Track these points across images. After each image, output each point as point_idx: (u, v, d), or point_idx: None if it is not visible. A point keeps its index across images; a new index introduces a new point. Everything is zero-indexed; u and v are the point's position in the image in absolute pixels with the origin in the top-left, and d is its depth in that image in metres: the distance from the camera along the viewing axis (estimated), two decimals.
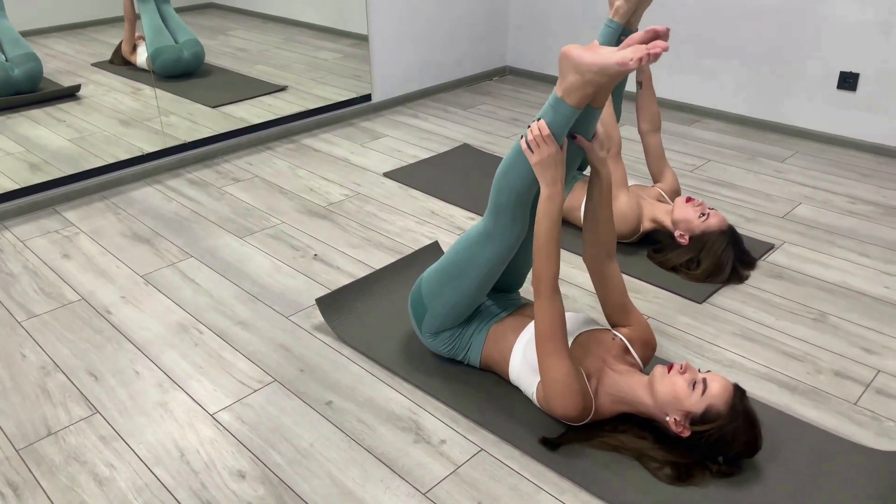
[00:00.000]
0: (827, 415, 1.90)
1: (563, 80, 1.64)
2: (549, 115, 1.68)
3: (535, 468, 1.74)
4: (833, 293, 2.41)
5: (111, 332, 2.25)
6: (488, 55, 4.67)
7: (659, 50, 1.48)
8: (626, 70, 1.52)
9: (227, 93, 3.88)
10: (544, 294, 1.72)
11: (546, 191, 1.70)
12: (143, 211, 3.00)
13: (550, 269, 1.71)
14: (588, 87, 1.61)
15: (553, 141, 1.67)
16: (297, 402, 1.95)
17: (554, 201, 1.70)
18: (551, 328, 1.71)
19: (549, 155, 1.68)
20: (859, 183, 3.19)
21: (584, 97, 1.63)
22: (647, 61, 1.49)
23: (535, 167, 1.70)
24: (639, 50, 1.50)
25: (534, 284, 1.75)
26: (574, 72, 1.61)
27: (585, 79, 1.60)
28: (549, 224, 1.70)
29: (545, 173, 1.69)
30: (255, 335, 2.23)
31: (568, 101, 1.64)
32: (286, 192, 3.17)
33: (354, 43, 4.23)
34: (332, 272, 2.56)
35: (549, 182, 1.69)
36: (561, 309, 1.73)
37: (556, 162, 1.68)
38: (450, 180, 3.25)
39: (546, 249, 1.71)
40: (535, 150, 1.68)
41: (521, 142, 1.72)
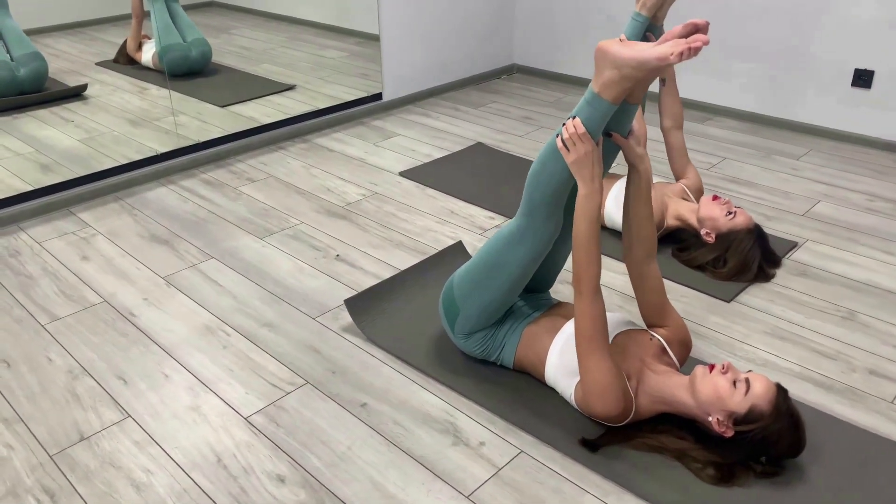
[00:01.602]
0: (864, 414, 1.89)
1: (600, 75, 1.62)
2: (585, 112, 1.66)
3: (577, 470, 1.72)
4: (860, 291, 2.41)
5: (136, 334, 2.22)
6: (496, 53, 4.66)
7: (700, 44, 1.46)
8: (666, 65, 1.51)
9: (236, 92, 3.85)
10: (586, 294, 1.71)
11: (584, 189, 1.68)
12: (159, 212, 2.97)
13: (592, 268, 1.70)
14: (625, 82, 1.59)
15: (589, 138, 1.66)
16: (331, 405, 1.93)
17: (592, 200, 1.68)
18: (592, 328, 1.70)
19: (585, 153, 1.66)
20: (876, 180, 3.19)
21: (621, 92, 1.62)
22: (688, 56, 1.47)
23: (572, 166, 1.68)
24: (678, 44, 1.49)
25: (574, 284, 1.74)
26: (611, 67, 1.59)
27: (623, 73, 1.58)
28: (588, 223, 1.69)
29: (582, 171, 1.67)
30: (283, 337, 2.20)
31: (605, 97, 1.63)
32: (303, 192, 3.14)
33: (360, 41, 4.21)
34: (355, 273, 2.53)
35: (587, 180, 1.68)
36: (602, 309, 1.72)
37: (592, 160, 1.67)
38: (466, 179, 3.23)
39: (586, 249, 1.69)
40: (571, 149, 1.67)
41: (555, 140, 1.70)
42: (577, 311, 1.73)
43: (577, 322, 1.73)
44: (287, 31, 4.18)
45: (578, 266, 1.71)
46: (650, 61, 1.52)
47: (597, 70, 1.63)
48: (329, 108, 3.92)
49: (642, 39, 2.55)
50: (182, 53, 3.56)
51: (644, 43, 1.56)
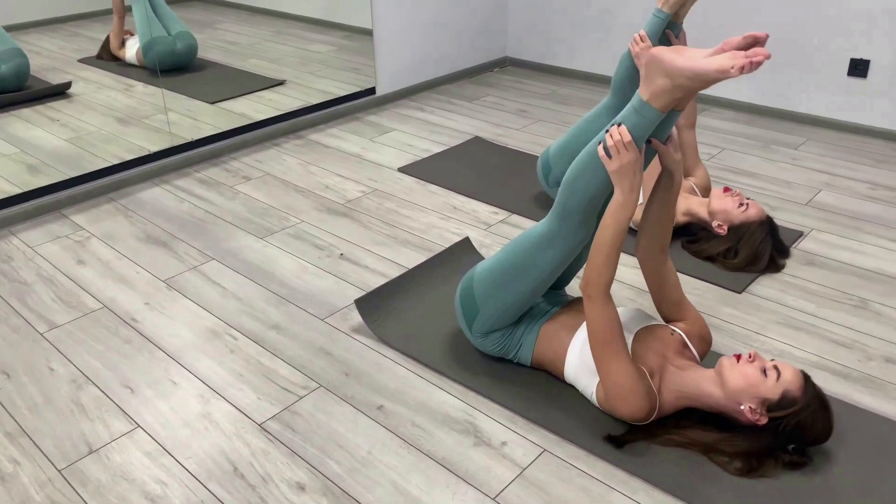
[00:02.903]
0: (884, 402, 1.89)
1: (651, 83, 1.58)
2: (632, 119, 1.62)
3: (603, 467, 1.70)
4: (869, 279, 2.40)
5: (140, 340, 2.16)
6: (488, 46, 4.61)
7: (761, 59, 1.40)
8: (725, 77, 1.46)
9: (225, 88, 3.77)
10: (597, 299, 1.68)
11: (621, 198, 1.65)
12: (155, 212, 2.90)
13: (607, 274, 1.67)
14: (677, 91, 1.55)
15: (634, 147, 1.62)
16: (347, 408, 1.89)
17: (627, 209, 1.65)
18: (607, 333, 1.67)
19: (629, 162, 1.62)
20: (875, 169, 3.20)
21: (671, 102, 1.58)
22: (748, 70, 1.42)
23: (614, 174, 1.64)
24: (737, 56, 1.43)
25: (584, 288, 1.70)
26: (664, 76, 1.55)
27: (676, 83, 1.54)
28: (617, 231, 1.66)
29: (623, 181, 1.64)
30: (292, 339, 2.15)
31: (654, 105, 1.59)
32: (301, 189, 3.08)
33: (347, 35, 4.14)
34: (361, 271, 2.48)
35: (627, 190, 1.64)
36: (615, 311, 1.69)
37: (635, 169, 1.63)
38: (467, 174, 3.19)
39: (607, 255, 1.66)
40: (615, 156, 1.63)
41: (598, 148, 1.66)
42: (589, 317, 1.70)
43: (590, 328, 1.70)
44: (273, 25, 4.10)
45: (593, 270, 1.68)
46: (709, 73, 1.46)
47: (647, 77, 1.58)
48: (323, 104, 3.86)
49: (661, 37, 2.53)
50: (168, 47, 3.47)
51: (694, 51, 1.52)
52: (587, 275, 1.70)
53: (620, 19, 4.15)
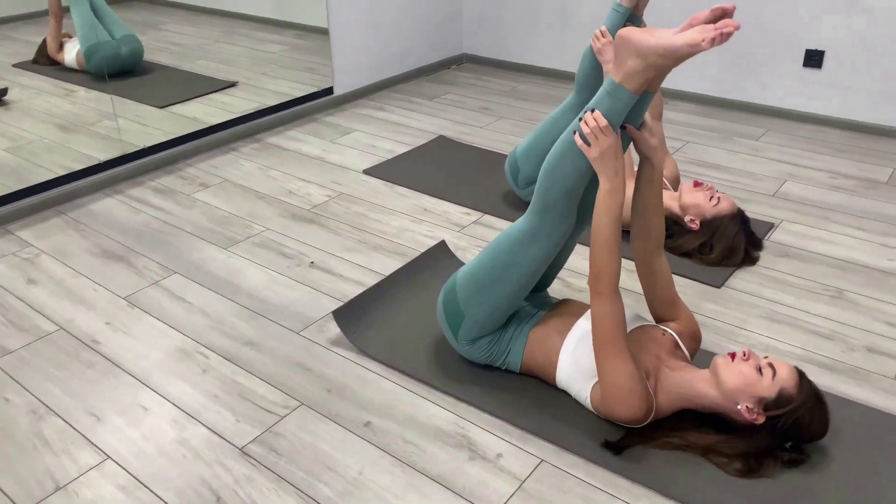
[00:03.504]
0: (871, 393, 1.90)
1: (622, 65, 1.54)
2: (606, 103, 1.58)
3: (603, 475, 1.65)
4: (843, 269, 2.43)
5: (104, 364, 2.02)
6: (445, 43, 4.54)
7: (731, 29, 1.40)
8: (696, 52, 1.44)
9: (174, 91, 3.61)
10: (606, 294, 1.63)
11: (606, 185, 1.61)
12: (109, 225, 2.74)
13: (613, 267, 1.63)
14: (650, 70, 1.52)
15: (612, 131, 1.58)
16: (332, 426, 1.80)
17: (616, 195, 1.60)
18: (613, 330, 1.63)
19: (608, 146, 1.58)
20: (836, 158, 3.25)
21: (644, 82, 1.54)
22: (719, 41, 1.41)
23: (595, 161, 1.60)
24: (706, 30, 1.42)
25: (592, 283, 1.66)
26: (635, 56, 1.51)
27: (648, 62, 1.50)
28: (611, 219, 1.61)
29: (606, 166, 1.59)
30: (268, 355, 2.05)
31: (627, 87, 1.55)
32: (263, 195, 2.96)
33: (300, 34, 4.02)
34: (334, 280, 2.39)
35: (611, 175, 1.60)
36: (622, 309, 1.65)
37: (616, 153, 1.59)
38: (435, 174, 3.12)
39: (608, 247, 1.62)
40: (593, 143, 1.58)
41: (574, 137, 1.61)
42: (596, 313, 1.65)
43: (596, 324, 1.65)
44: (220, 25, 3.94)
45: (599, 265, 1.63)
46: (680, 48, 1.44)
47: (617, 59, 1.55)
48: (279, 106, 3.73)
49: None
50: (111, 52, 3.30)
51: (663, 30, 1.49)
52: (595, 270, 1.65)
53: (576, 14, 4.13)
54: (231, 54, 3.88)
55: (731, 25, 1.40)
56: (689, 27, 1.48)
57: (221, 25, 3.93)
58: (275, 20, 4.02)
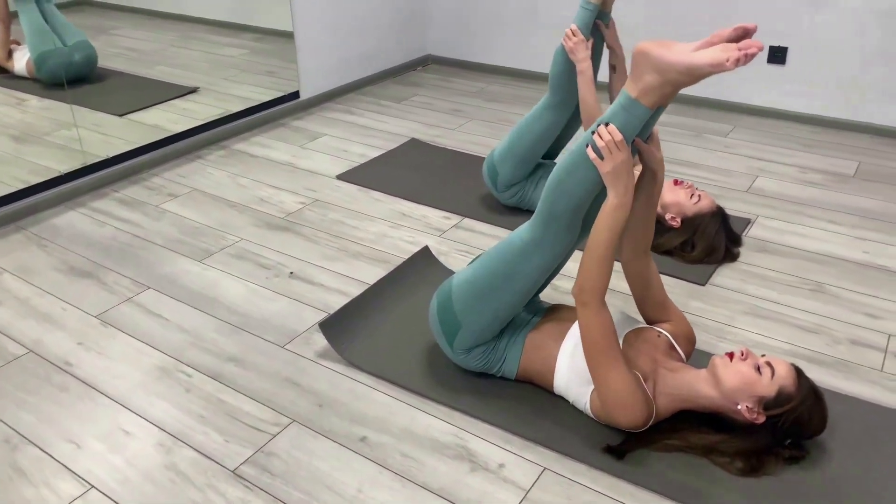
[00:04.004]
0: (860, 385, 1.92)
1: (639, 79, 1.51)
2: (621, 118, 1.56)
3: (607, 481, 1.63)
4: (820, 263, 2.47)
5: (79, 387, 1.92)
6: (410, 45, 4.50)
7: (755, 51, 1.36)
8: (719, 71, 1.41)
9: (133, 98, 3.49)
10: (592, 305, 1.62)
11: (615, 200, 1.58)
12: (73, 240, 2.62)
13: (603, 280, 1.61)
14: (667, 87, 1.49)
15: (626, 146, 1.55)
16: (326, 443, 1.74)
17: (622, 212, 1.58)
18: (603, 340, 1.61)
19: (622, 162, 1.56)
20: (803, 153, 3.31)
21: (661, 98, 1.52)
22: (743, 62, 1.38)
23: (607, 176, 1.57)
24: (730, 49, 1.39)
25: (578, 295, 1.64)
26: (653, 71, 1.49)
27: (666, 78, 1.48)
28: (612, 235, 1.59)
29: (617, 182, 1.57)
30: (253, 371, 1.98)
31: (644, 103, 1.52)
32: (234, 204, 2.87)
33: (259, 37, 3.93)
34: (315, 290, 2.33)
35: (620, 192, 1.58)
36: (610, 317, 1.64)
37: (628, 169, 1.57)
38: (410, 178, 3.07)
39: (602, 260, 1.60)
40: (607, 158, 1.56)
41: (587, 150, 1.59)
42: (584, 324, 1.63)
43: (584, 335, 1.63)
44: (175, 29, 3.82)
45: (588, 276, 1.61)
46: (702, 67, 1.41)
47: (635, 73, 1.52)
48: (245, 111, 3.63)
49: (592, 28, 2.50)
50: (64, 59, 3.16)
51: (682, 45, 1.46)
52: (581, 281, 1.63)
53: (541, 13, 4.13)
54: (189, 59, 3.76)
55: (756, 46, 1.37)
56: (709, 44, 1.45)
57: (176, 30, 3.81)
58: (232, 23, 3.91)
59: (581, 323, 1.63)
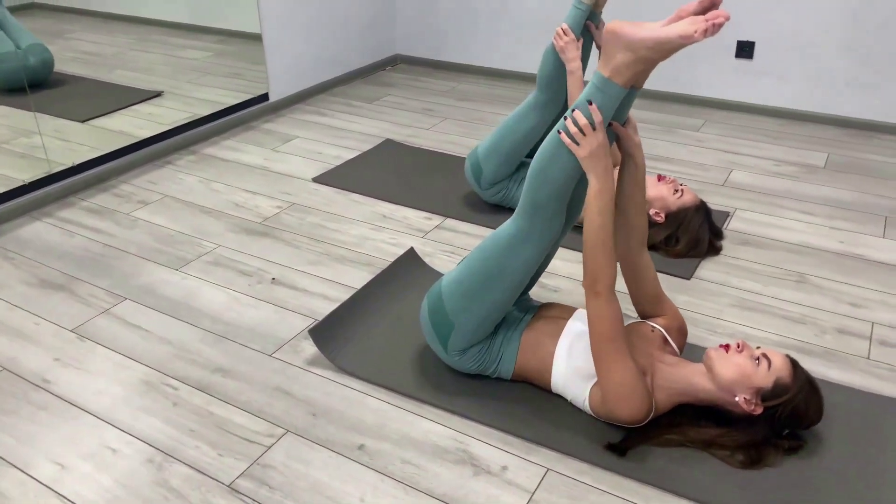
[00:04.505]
0: (849, 373, 1.95)
1: (611, 59, 1.52)
2: (597, 98, 1.55)
3: (611, 479, 1.62)
4: (800, 253, 2.50)
5: (59, 404, 1.84)
6: (378, 44, 4.45)
7: (722, 20, 1.39)
8: (688, 43, 1.42)
9: (95, 104, 3.37)
10: (604, 295, 1.60)
11: (597, 184, 1.57)
12: (42, 252, 2.52)
13: (610, 266, 1.60)
14: (639, 64, 1.50)
15: (602, 129, 1.55)
16: (324, 453, 1.70)
17: (606, 195, 1.58)
18: (612, 330, 1.60)
19: (598, 144, 1.55)
20: (774, 145, 3.37)
21: (633, 76, 1.52)
22: (711, 33, 1.40)
23: (585, 160, 1.56)
24: (697, 21, 1.41)
25: (589, 285, 1.62)
26: (625, 49, 1.49)
27: (638, 55, 1.48)
28: (604, 219, 1.58)
29: (596, 165, 1.56)
30: (242, 381, 1.92)
31: (616, 81, 1.52)
32: (209, 210, 2.80)
33: (221, 39, 3.84)
34: (300, 296, 2.27)
35: (601, 174, 1.57)
36: (619, 308, 1.63)
37: (605, 151, 1.56)
38: (387, 179, 3.03)
39: (603, 247, 1.59)
40: (582, 142, 1.55)
41: (560, 136, 1.57)
42: (593, 314, 1.62)
43: (594, 325, 1.62)
44: (133, 32, 3.71)
45: (594, 266, 1.60)
46: (672, 40, 1.42)
47: (605, 53, 1.52)
48: (214, 115, 3.55)
49: (583, 29, 2.49)
50: (18, 62, 3.05)
51: (651, 23, 1.47)
52: (591, 272, 1.61)
53: (512, 12, 4.12)
54: (149, 62, 3.66)
55: (722, 16, 1.39)
56: (677, 19, 1.47)
57: (134, 32, 3.70)
58: (191, 25, 3.82)
59: (592, 313, 1.62)
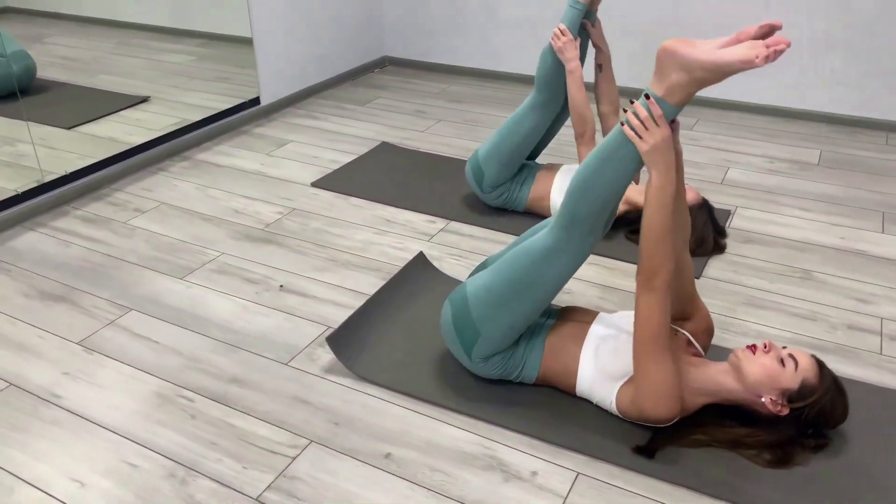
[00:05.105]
0: (864, 369, 1.97)
1: (665, 77, 1.50)
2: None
3: (643, 481, 1.62)
4: (802, 250, 2.53)
5: (71, 420, 1.79)
6: (366, 47, 4.42)
7: (783, 47, 1.37)
8: (750, 68, 1.41)
9: (80, 110, 3.30)
10: (660, 290, 1.59)
11: (659, 180, 1.56)
12: (40, 262, 2.45)
13: (668, 263, 1.59)
14: (694, 85, 1.48)
15: (665, 122, 1.53)
16: (350, 462, 1.67)
17: (668, 190, 1.56)
18: (659, 326, 1.59)
19: (662, 138, 1.54)
20: (767, 143, 3.41)
21: (687, 96, 1.51)
22: (772, 59, 1.38)
23: (648, 154, 1.54)
24: (757, 46, 1.39)
25: (645, 281, 1.60)
26: (680, 69, 1.47)
27: (693, 76, 1.46)
28: (664, 215, 1.57)
29: (659, 159, 1.54)
30: (259, 391, 1.88)
31: (670, 101, 1.51)
32: (208, 217, 2.75)
33: (203, 43, 3.78)
34: (309, 303, 2.24)
35: (662, 170, 1.55)
36: (669, 306, 1.62)
37: (669, 146, 1.55)
38: (386, 183, 3.01)
39: (663, 243, 1.57)
40: (645, 135, 1.54)
41: (623, 128, 1.56)
42: (645, 310, 1.60)
43: (643, 321, 1.61)
44: (112, 36, 3.64)
45: (652, 261, 1.58)
46: (732, 64, 1.40)
47: (660, 72, 1.50)
48: (205, 120, 3.48)
49: (580, 28, 2.49)
50: (2, 71, 2.97)
51: (705, 43, 1.45)
52: (648, 268, 1.59)
53: (500, 12, 4.12)
54: (132, 67, 3.58)
55: (783, 43, 1.37)
56: (736, 42, 1.45)
57: (113, 36, 3.63)
58: (172, 29, 3.75)
59: (643, 308, 1.60)
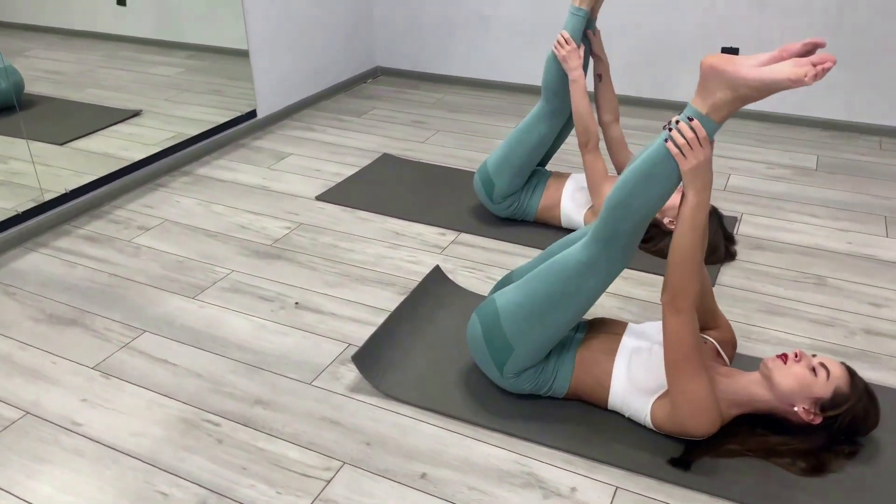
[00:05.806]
0: (884, 373, 1.99)
1: (710, 95, 1.50)
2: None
3: (683, 494, 1.62)
4: (813, 256, 2.56)
5: (95, 448, 1.74)
6: (358, 57, 4.39)
7: (830, 65, 1.37)
8: (797, 86, 1.41)
9: (71, 125, 3.23)
10: (687, 311, 1.59)
11: (695, 199, 1.56)
12: (45, 284, 2.39)
13: (694, 283, 1.59)
14: (738, 102, 1.48)
15: (709, 143, 1.54)
16: (385, 484, 1.65)
17: (702, 210, 1.57)
18: (691, 347, 1.60)
19: (704, 159, 1.54)
20: (765, 149, 3.44)
21: (730, 113, 1.51)
22: (819, 77, 1.39)
23: (688, 173, 1.54)
24: (802, 64, 1.39)
25: (670, 302, 1.61)
26: (725, 87, 1.47)
27: (738, 94, 1.46)
28: (696, 235, 1.57)
29: (697, 179, 1.55)
30: (286, 413, 1.85)
31: (714, 119, 1.51)
32: (214, 234, 2.70)
33: (191, 55, 3.74)
34: (327, 320, 2.21)
35: (701, 189, 1.56)
36: (697, 326, 1.62)
37: (709, 167, 1.55)
38: (393, 195, 2.98)
39: (692, 264, 1.58)
40: (689, 154, 1.54)
41: (667, 144, 1.56)
42: (672, 331, 1.61)
43: (672, 342, 1.61)
44: (97, 49, 3.58)
45: (679, 281, 1.59)
46: (780, 83, 1.40)
47: (704, 89, 1.50)
48: (202, 134, 3.43)
49: (582, 36, 2.50)
50: None
51: (747, 59, 1.45)
52: (674, 287, 1.60)
53: (493, 21, 4.13)
54: (120, 80, 3.52)
55: (830, 60, 1.38)
56: (778, 59, 1.45)
57: (99, 49, 3.57)
58: (159, 41, 3.70)
59: (670, 330, 1.61)
